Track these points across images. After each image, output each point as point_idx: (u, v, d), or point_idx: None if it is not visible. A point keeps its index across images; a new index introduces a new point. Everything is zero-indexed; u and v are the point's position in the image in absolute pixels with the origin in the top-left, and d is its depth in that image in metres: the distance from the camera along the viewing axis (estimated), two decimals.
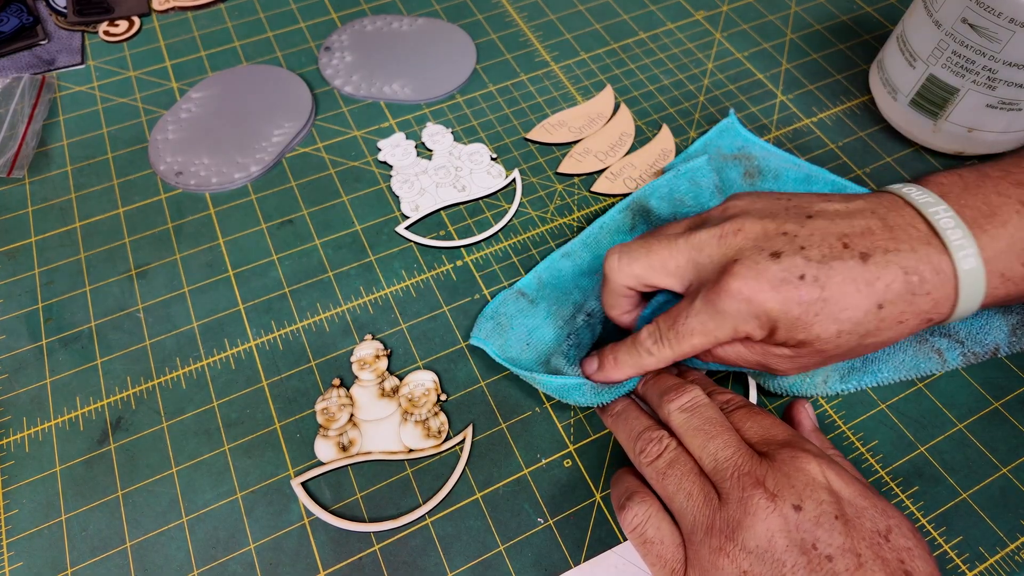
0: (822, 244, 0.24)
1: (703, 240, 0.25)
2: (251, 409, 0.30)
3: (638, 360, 0.27)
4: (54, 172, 0.38)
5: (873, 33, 0.46)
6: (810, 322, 0.23)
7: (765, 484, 0.22)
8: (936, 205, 0.24)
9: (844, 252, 0.24)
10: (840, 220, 0.25)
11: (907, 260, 0.23)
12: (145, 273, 0.34)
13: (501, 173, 0.38)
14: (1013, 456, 0.29)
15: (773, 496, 0.22)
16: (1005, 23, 0.31)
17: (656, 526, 0.24)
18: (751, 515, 0.22)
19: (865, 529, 0.21)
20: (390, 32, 0.45)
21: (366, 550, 0.27)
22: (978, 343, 0.30)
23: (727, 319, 0.24)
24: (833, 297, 0.23)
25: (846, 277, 0.23)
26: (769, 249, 0.24)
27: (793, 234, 0.24)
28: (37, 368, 0.31)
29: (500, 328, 0.31)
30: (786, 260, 0.24)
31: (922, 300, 0.23)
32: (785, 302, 0.23)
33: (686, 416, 0.25)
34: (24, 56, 0.43)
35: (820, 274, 0.23)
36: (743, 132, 0.39)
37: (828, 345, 0.24)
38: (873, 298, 0.23)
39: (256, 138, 0.39)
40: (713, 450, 0.24)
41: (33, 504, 0.28)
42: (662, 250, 0.26)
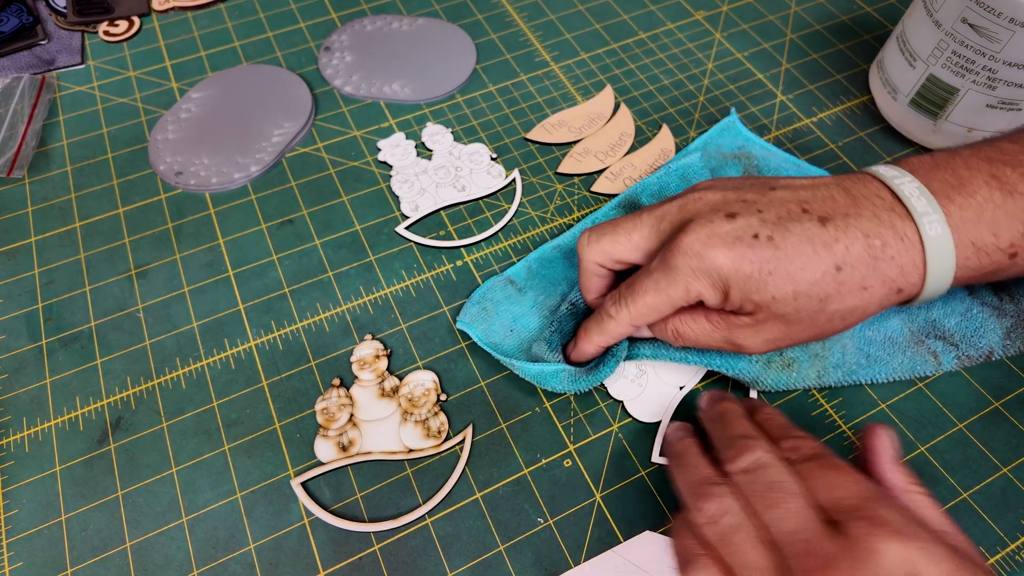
0: (780, 207, 0.24)
1: (665, 209, 0.26)
2: (251, 409, 0.30)
3: (601, 325, 0.27)
4: (54, 172, 0.38)
5: (873, 33, 0.46)
6: (763, 280, 0.23)
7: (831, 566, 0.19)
8: (902, 177, 0.24)
9: (803, 216, 0.23)
10: (802, 191, 0.25)
11: (868, 225, 0.23)
12: (145, 273, 0.34)
13: (501, 173, 0.38)
14: (1013, 456, 0.29)
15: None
16: (1005, 23, 0.31)
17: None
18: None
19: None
20: (390, 32, 0.45)
21: (366, 550, 0.27)
22: (973, 346, 0.30)
23: (679, 276, 0.24)
24: (787, 256, 0.23)
25: (802, 237, 0.23)
26: (725, 211, 0.24)
27: (752, 201, 0.24)
28: (37, 368, 0.31)
29: (485, 313, 0.32)
30: (741, 220, 0.24)
31: (886, 266, 0.23)
32: (737, 259, 0.23)
33: (748, 479, 0.22)
34: (24, 56, 0.43)
35: (775, 234, 0.23)
36: (744, 131, 0.39)
37: (786, 308, 0.23)
38: (831, 259, 0.23)
39: (256, 138, 0.39)
40: (778, 520, 0.21)
41: (33, 504, 0.28)
42: (627, 223, 0.27)
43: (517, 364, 0.29)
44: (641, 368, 0.31)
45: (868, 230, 0.23)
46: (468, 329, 0.31)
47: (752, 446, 0.23)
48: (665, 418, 0.30)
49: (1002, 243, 0.24)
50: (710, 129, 0.39)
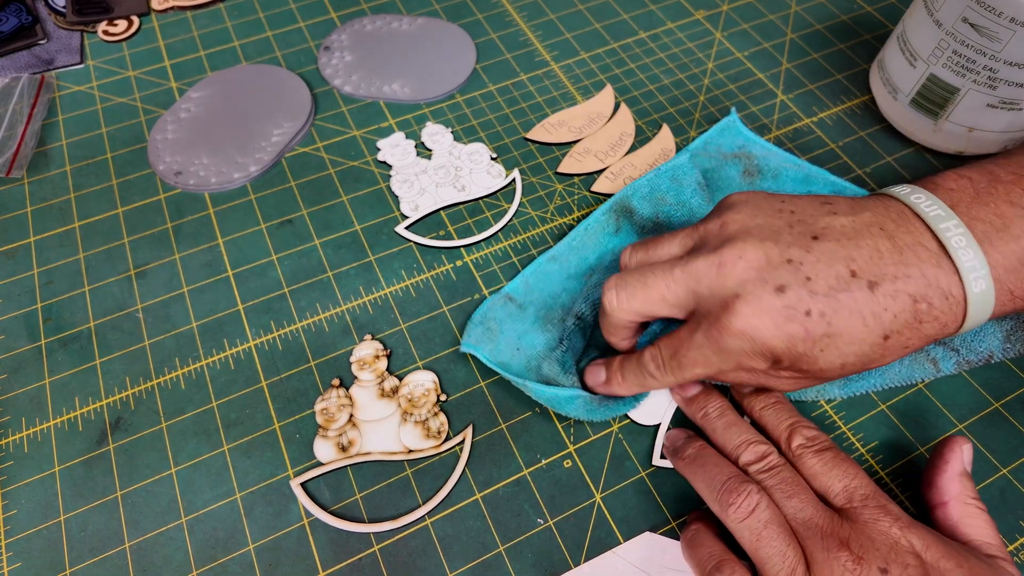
0: (828, 274, 0.23)
1: (701, 270, 0.24)
2: (250, 409, 0.30)
3: (642, 381, 0.27)
4: (53, 172, 0.38)
5: (873, 33, 0.46)
6: (815, 357, 0.23)
7: (850, 546, 0.22)
8: (947, 220, 0.23)
9: (852, 282, 0.23)
10: (847, 242, 0.23)
11: (916, 286, 0.23)
12: (144, 273, 0.34)
13: (501, 173, 0.38)
14: (1013, 457, 0.29)
15: (859, 559, 0.21)
16: (1006, 23, 0.31)
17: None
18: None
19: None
20: (390, 32, 0.45)
21: (366, 551, 0.27)
22: (973, 351, 0.30)
23: (730, 355, 0.24)
24: (839, 332, 0.23)
25: (853, 310, 0.22)
26: (773, 282, 0.23)
27: (799, 262, 0.23)
28: (36, 368, 0.31)
29: (490, 333, 0.31)
30: (791, 293, 0.23)
31: (929, 326, 0.23)
32: (790, 339, 0.23)
33: (765, 475, 0.25)
34: (23, 56, 0.43)
35: (827, 309, 0.22)
36: (744, 131, 0.38)
37: (832, 374, 0.24)
38: (880, 330, 0.23)
39: (255, 138, 0.39)
40: (793, 510, 0.23)
41: (32, 504, 0.28)
42: (659, 283, 0.25)
43: (530, 386, 0.28)
44: None
45: (916, 293, 0.23)
46: (474, 351, 0.30)
47: (762, 451, 0.25)
48: (664, 420, 0.30)
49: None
50: (710, 129, 0.39)
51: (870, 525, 0.22)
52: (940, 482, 0.25)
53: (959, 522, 0.24)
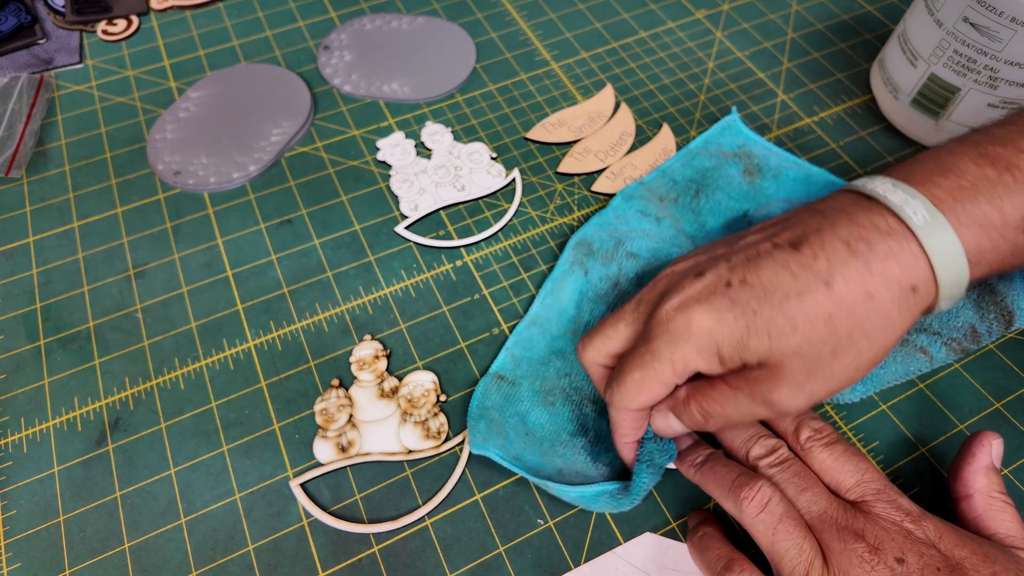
0: (748, 251, 0.22)
1: (642, 294, 0.25)
2: (250, 410, 0.30)
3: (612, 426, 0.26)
4: (52, 172, 0.38)
5: (874, 32, 0.46)
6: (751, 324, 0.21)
7: (865, 537, 0.22)
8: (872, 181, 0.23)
9: (773, 249, 0.22)
10: (772, 227, 0.23)
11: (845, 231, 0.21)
12: (143, 273, 0.34)
13: (501, 172, 0.38)
14: (1014, 456, 0.29)
15: (876, 550, 0.22)
16: (1007, 22, 0.31)
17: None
18: (857, 568, 0.21)
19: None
20: (389, 31, 0.45)
21: (365, 551, 0.27)
22: (952, 328, 0.30)
23: (661, 348, 0.22)
24: (766, 290, 0.21)
25: (776, 267, 0.21)
26: (694, 273, 0.23)
27: (721, 255, 0.23)
28: (35, 368, 0.31)
29: (494, 425, 0.28)
30: (710, 275, 0.22)
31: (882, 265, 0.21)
32: (715, 313, 0.21)
33: (776, 469, 0.24)
34: (22, 55, 0.43)
35: (747, 274, 0.22)
36: (744, 130, 0.38)
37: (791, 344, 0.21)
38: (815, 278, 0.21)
39: (255, 137, 0.39)
40: (806, 503, 0.23)
41: (31, 505, 0.28)
42: (611, 318, 0.25)
43: (553, 487, 0.26)
44: None
45: (847, 236, 0.21)
46: (485, 451, 0.27)
47: (771, 444, 0.25)
48: None
49: (1010, 218, 0.21)
50: (711, 128, 0.39)
51: (883, 518, 0.22)
52: (966, 475, 0.25)
53: (983, 515, 0.24)
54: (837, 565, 0.22)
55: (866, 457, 0.25)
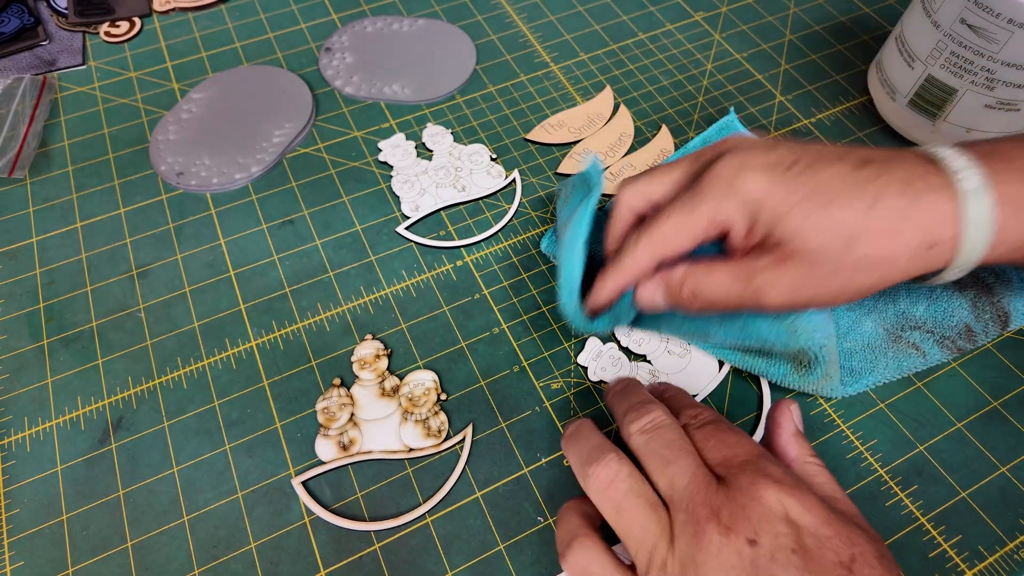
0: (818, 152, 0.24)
1: (702, 151, 0.26)
2: (252, 409, 0.30)
3: (619, 259, 0.26)
4: (55, 172, 0.38)
5: (872, 34, 0.46)
6: (792, 207, 0.22)
7: (720, 516, 0.20)
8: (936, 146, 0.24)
9: (840, 159, 0.24)
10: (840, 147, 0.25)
11: (905, 173, 0.23)
12: (146, 273, 0.34)
13: (501, 173, 0.38)
14: (1012, 455, 0.29)
15: (727, 529, 0.20)
16: (1003, 23, 0.31)
17: (600, 568, 0.22)
18: (703, 551, 0.20)
19: (826, 560, 0.19)
20: (390, 33, 0.45)
21: (366, 549, 0.27)
22: (946, 327, 0.30)
23: (707, 197, 0.24)
24: (820, 186, 0.23)
25: (837, 173, 0.23)
26: (764, 146, 0.24)
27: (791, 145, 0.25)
28: (38, 368, 0.31)
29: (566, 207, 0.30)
30: (779, 151, 0.24)
31: (921, 214, 0.22)
32: (768, 183, 0.23)
33: (645, 438, 0.23)
34: (25, 57, 0.44)
35: (813, 162, 0.23)
36: (742, 131, 0.39)
37: (811, 242, 0.23)
38: (863, 197, 0.22)
39: (257, 139, 0.39)
40: (669, 476, 0.22)
41: (34, 504, 0.28)
42: (664, 166, 0.27)
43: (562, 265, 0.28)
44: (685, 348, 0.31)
45: (905, 177, 0.23)
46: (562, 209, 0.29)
47: (650, 409, 0.24)
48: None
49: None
50: (709, 128, 0.39)
51: (745, 491, 0.21)
52: (779, 446, 0.24)
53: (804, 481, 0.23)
54: (683, 547, 0.20)
55: (739, 432, 0.23)
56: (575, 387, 0.31)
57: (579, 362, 0.31)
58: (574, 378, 0.31)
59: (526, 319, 0.33)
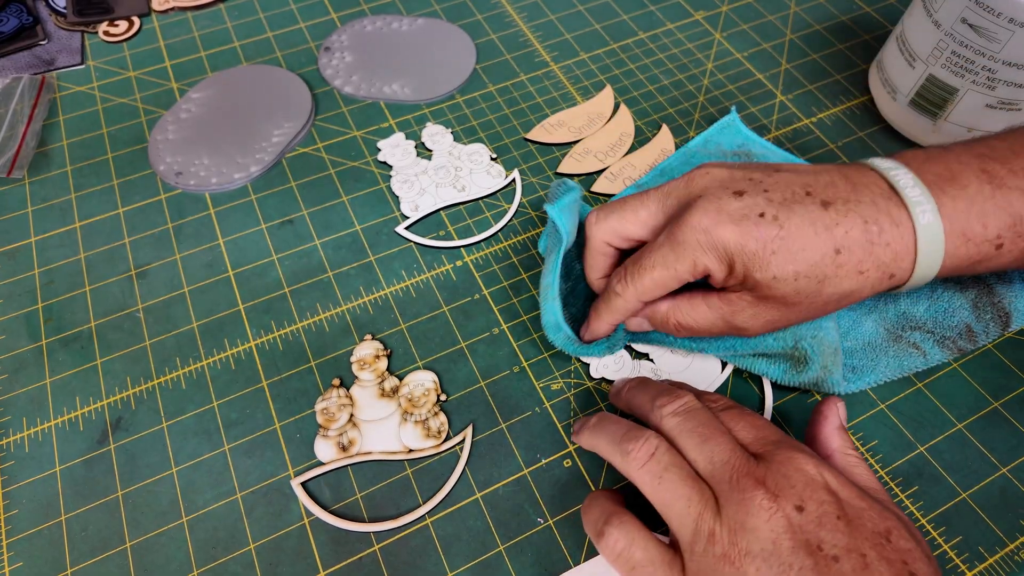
0: (785, 189, 0.25)
1: (672, 186, 0.27)
2: (251, 409, 0.30)
3: (609, 304, 0.28)
4: (54, 172, 0.38)
5: (872, 33, 0.46)
6: (767, 260, 0.24)
7: (766, 484, 0.21)
8: (897, 168, 0.25)
9: (806, 198, 0.24)
10: (806, 175, 0.26)
11: (867, 211, 0.24)
12: (145, 273, 0.34)
13: (501, 173, 0.38)
14: (1012, 456, 0.29)
15: (775, 496, 0.21)
16: (1004, 23, 0.31)
17: (643, 547, 0.23)
18: (754, 516, 0.21)
19: (867, 530, 0.21)
20: (390, 32, 0.45)
21: (366, 550, 0.27)
22: (947, 327, 0.30)
23: (687, 250, 0.25)
24: (791, 236, 0.24)
25: (805, 219, 0.24)
26: (733, 188, 0.25)
27: (759, 180, 0.25)
28: (37, 368, 0.31)
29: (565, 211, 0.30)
30: (748, 199, 0.25)
31: (882, 251, 0.24)
32: (743, 235, 0.24)
33: (679, 420, 0.24)
34: (24, 56, 0.43)
35: (780, 214, 0.24)
36: (744, 130, 0.39)
37: (786, 288, 0.24)
38: (831, 242, 0.24)
39: (256, 138, 0.39)
40: (709, 452, 0.23)
41: (33, 504, 0.28)
42: (634, 201, 0.27)
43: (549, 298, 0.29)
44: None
45: (867, 215, 0.24)
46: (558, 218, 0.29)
47: (680, 394, 0.25)
48: None
49: (990, 234, 0.25)
50: (710, 127, 0.39)
51: (786, 464, 0.22)
52: (822, 436, 0.25)
53: (843, 472, 0.24)
54: (732, 515, 0.21)
55: (762, 417, 0.25)
56: (575, 387, 0.31)
57: (581, 358, 0.31)
58: (574, 379, 0.31)
59: (526, 319, 0.33)
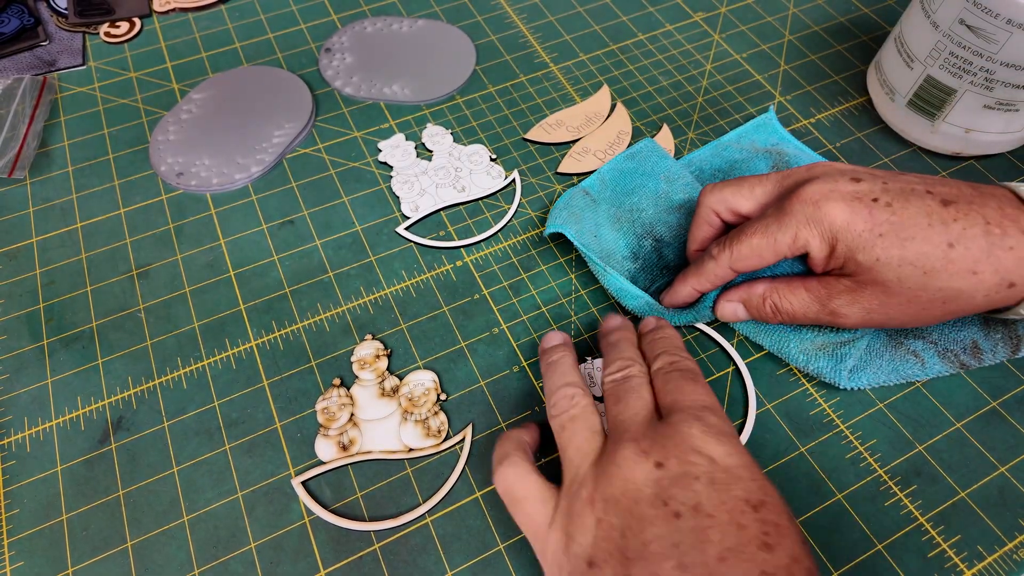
0: (905, 184, 0.24)
1: (792, 170, 0.27)
2: (252, 409, 0.30)
3: (701, 267, 0.28)
4: (55, 173, 0.38)
5: (871, 34, 0.46)
6: (872, 241, 0.23)
7: (639, 442, 0.22)
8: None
9: (926, 195, 0.24)
10: (930, 180, 0.25)
11: (992, 214, 0.23)
12: (146, 273, 0.34)
13: (501, 174, 0.38)
14: (1011, 455, 0.29)
15: (643, 452, 0.22)
16: (1002, 24, 0.31)
17: (524, 485, 0.24)
18: (615, 465, 0.22)
19: (730, 495, 0.20)
20: (390, 33, 0.45)
21: (366, 549, 0.27)
22: (952, 340, 0.30)
23: (791, 221, 0.25)
24: (901, 222, 0.23)
25: (920, 210, 0.23)
26: (851, 175, 0.25)
27: (880, 175, 0.25)
28: (38, 368, 0.31)
29: (574, 217, 0.33)
30: (865, 184, 0.24)
31: (1003, 254, 0.23)
32: (851, 214, 0.24)
33: (612, 384, 0.26)
34: (25, 57, 0.44)
35: (895, 202, 0.24)
36: (779, 129, 0.39)
37: (889, 274, 0.24)
38: (945, 235, 0.23)
39: (257, 139, 0.39)
40: (616, 412, 0.24)
41: (34, 504, 0.28)
42: (752, 178, 0.28)
43: (609, 272, 0.31)
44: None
45: (990, 218, 0.23)
46: (562, 229, 0.32)
47: (627, 364, 0.26)
48: None
49: None
50: (746, 124, 0.39)
51: (672, 426, 0.22)
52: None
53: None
54: (602, 464, 0.22)
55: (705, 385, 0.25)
56: None
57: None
58: None
59: (526, 319, 0.33)
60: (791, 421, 0.30)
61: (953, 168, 0.39)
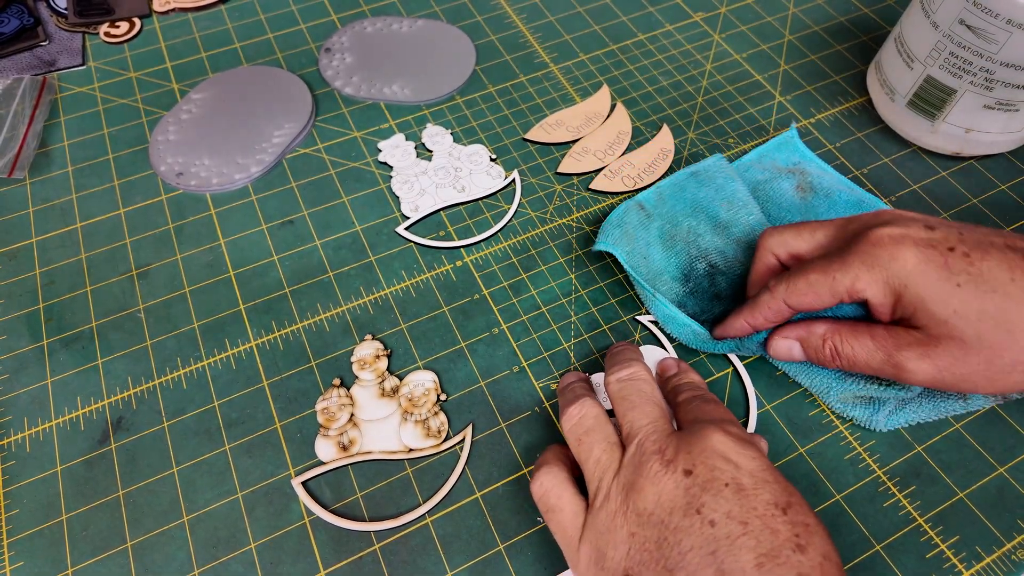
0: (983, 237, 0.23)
1: (857, 216, 0.26)
2: (252, 409, 0.30)
3: (756, 300, 0.27)
4: (55, 173, 0.38)
5: (871, 34, 0.46)
6: (949, 292, 0.22)
7: (664, 452, 0.22)
8: None
9: (1007, 249, 0.22)
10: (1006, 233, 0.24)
11: None
12: (146, 273, 0.34)
13: (500, 174, 0.38)
14: (1010, 456, 0.29)
15: (669, 462, 0.22)
16: (1002, 24, 0.31)
17: (558, 495, 0.24)
18: (643, 478, 0.22)
19: (760, 500, 0.21)
20: (390, 33, 0.45)
21: (366, 549, 0.27)
22: None
23: (854, 261, 0.23)
24: (981, 274, 0.22)
25: (1002, 263, 0.22)
26: (924, 222, 0.24)
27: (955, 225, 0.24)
28: (38, 368, 0.31)
29: (627, 236, 0.33)
30: (940, 232, 0.23)
31: None
32: (925, 261, 0.22)
33: (620, 386, 0.26)
34: (25, 57, 0.44)
35: (973, 253, 0.22)
36: (801, 147, 0.38)
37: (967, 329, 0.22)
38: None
39: (256, 139, 0.39)
40: (631, 419, 0.24)
41: (34, 504, 0.28)
42: (814, 222, 0.27)
43: (658, 298, 0.31)
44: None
45: None
46: (612, 250, 0.32)
47: (632, 364, 0.26)
48: None
49: None
50: (767, 142, 0.38)
51: (693, 435, 0.22)
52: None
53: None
54: (626, 476, 0.22)
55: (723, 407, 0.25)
56: None
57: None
58: None
59: (526, 319, 0.33)
60: (790, 422, 0.30)
61: (953, 168, 0.39)
